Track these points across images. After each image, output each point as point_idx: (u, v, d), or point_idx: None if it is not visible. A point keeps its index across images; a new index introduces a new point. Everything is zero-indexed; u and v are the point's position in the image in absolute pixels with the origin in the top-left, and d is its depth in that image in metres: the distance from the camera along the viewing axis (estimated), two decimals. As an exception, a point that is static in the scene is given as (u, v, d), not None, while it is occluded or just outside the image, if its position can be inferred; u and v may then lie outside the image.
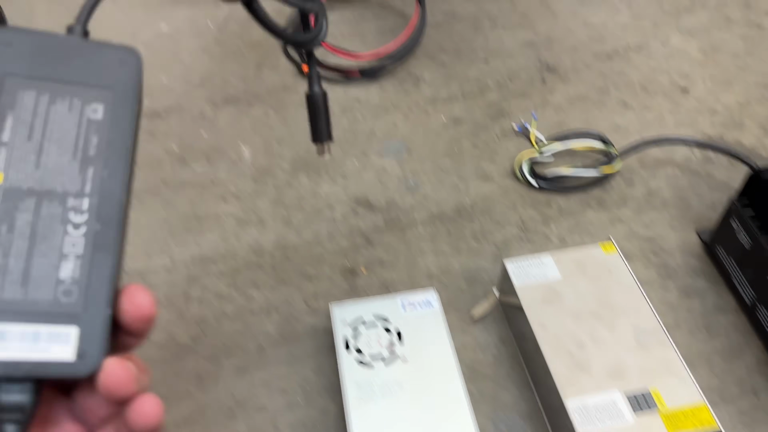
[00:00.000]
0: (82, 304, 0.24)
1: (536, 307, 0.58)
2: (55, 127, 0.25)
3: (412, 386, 0.54)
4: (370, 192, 0.76)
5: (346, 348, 0.56)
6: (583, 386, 0.53)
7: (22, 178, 0.24)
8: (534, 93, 0.87)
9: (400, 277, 0.67)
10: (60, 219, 0.24)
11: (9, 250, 0.23)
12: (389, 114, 0.85)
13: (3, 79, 0.24)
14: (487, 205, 0.74)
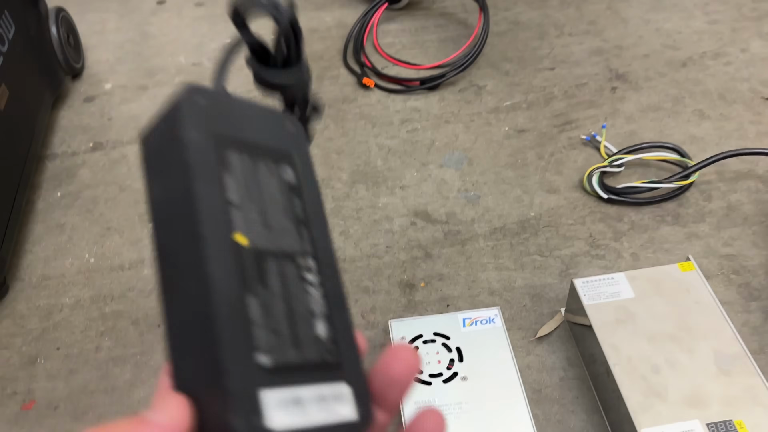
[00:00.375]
0: (342, 360, 0.24)
1: (608, 327, 0.55)
2: (265, 189, 0.25)
3: (472, 407, 0.52)
4: (429, 204, 0.75)
5: (404, 365, 0.55)
6: (659, 414, 0.50)
7: (261, 240, 0.23)
8: (603, 102, 0.84)
9: (460, 292, 0.66)
10: (300, 279, 0.24)
11: (275, 313, 0.22)
12: (450, 124, 0.84)
13: (216, 140, 0.24)
14: (553, 219, 0.72)
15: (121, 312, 0.68)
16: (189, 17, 1.07)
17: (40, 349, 0.65)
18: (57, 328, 0.67)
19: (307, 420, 0.21)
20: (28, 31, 0.82)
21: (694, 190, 0.73)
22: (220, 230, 0.22)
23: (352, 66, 0.93)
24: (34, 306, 0.69)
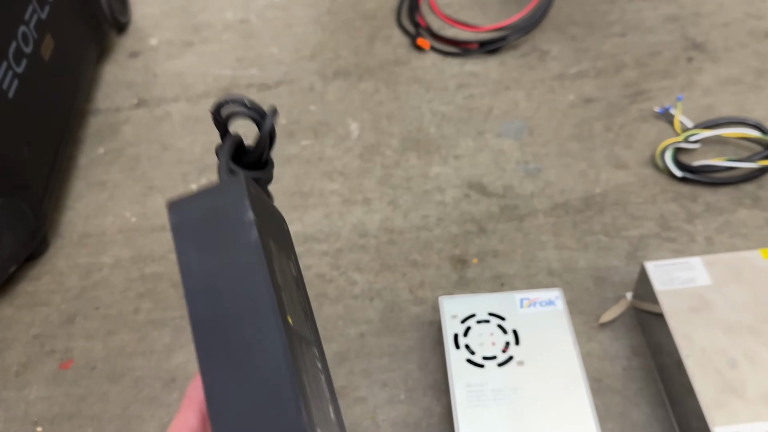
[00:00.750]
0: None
1: (680, 316, 0.52)
2: (287, 278, 0.28)
3: (529, 393, 0.50)
4: (485, 175, 0.72)
5: (455, 345, 0.54)
6: (735, 412, 0.47)
7: (295, 323, 0.27)
8: (679, 73, 0.80)
9: (516, 270, 0.64)
10: (314, 364, 0.27)
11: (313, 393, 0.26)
12: (510, 91, 0.81)
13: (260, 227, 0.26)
14: (621, 197, 0.68)
15: (161, 274, 0.68)
16: (237, -28, 1.05)
17: (79, 307, 0.66)
18: (96, 288, 0.67)
19: None
20: (74, -20, 0.82)
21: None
22: (280, 309, 0.24)
23: (406, 26, 0.91)
24: (74, 264, 0.70)
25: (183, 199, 0.27)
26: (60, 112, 0.77)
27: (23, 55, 0.68)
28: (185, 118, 0.83)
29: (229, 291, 0.25)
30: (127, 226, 0.72)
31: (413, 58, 0.87)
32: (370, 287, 0.64)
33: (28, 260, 0.69)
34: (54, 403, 0.59)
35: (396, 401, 0.56)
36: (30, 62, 0.69)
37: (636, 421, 0.53)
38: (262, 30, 0.95)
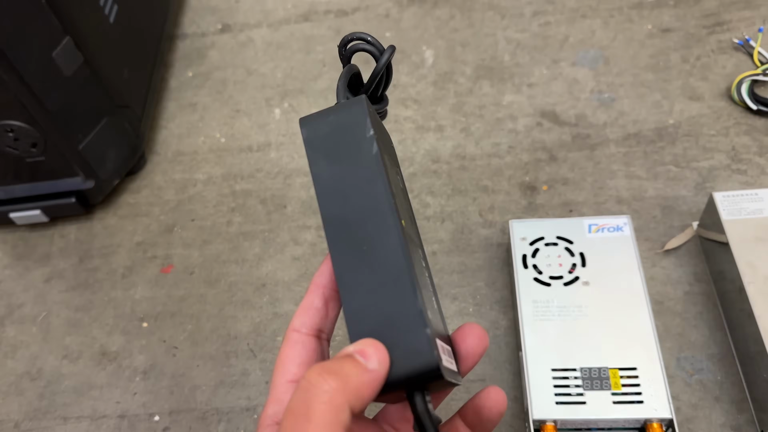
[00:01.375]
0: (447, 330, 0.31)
1: (746, 244, 0.53)
2: (396, 187, 0.30)
3: (593, 310, 0.52)
4: (558, 104, 0.72)
5: (523, 265, 0.56)
6: (795, 337, 0.48)
7: (407, 227, 0.29)
8: (762, 3, 0.76)
9: (585, 198, 0.65)
10: (420, 263, 0.30)
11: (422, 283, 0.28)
12: (586, 19, 0.79)
13: (378, 141, 0.29)
14: (693, 128, 0.67)
15: (249, 191, 0.71)
16: None
17: (176, 219, 0.70)
18: (191, 201, 0.71)
19: (447, 365, 0.27)
20: None
21: None
22: (397, 211, 0.27)
23: (482, -48, 0.88)
24: (170, 179, 0.74)
25: (312, 116, 0.30)
26: (153, 36, 0.79)
27: (120, -19, 0.70)
28: (267, 44, 0.85)
29: (354, 194, 0.28)
30: (217, 146, 0.75)
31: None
32: (442, 210, 0.66)
33: (129, 174, 0.73)
34: (157, 303, 0.64)
35: (465, 313, 0.59)
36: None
37: (694, 342, 0.55)
38: (338, -45, 0.94)
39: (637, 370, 0.48)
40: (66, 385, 0.60)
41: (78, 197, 0.68)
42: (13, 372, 0.62)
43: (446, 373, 0.26)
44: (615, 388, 0.48)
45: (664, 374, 0.48)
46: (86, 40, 0.62)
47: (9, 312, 0.66)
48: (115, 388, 0.60)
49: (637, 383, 0.48)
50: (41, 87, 0.59)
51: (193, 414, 0.57)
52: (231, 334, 0.61)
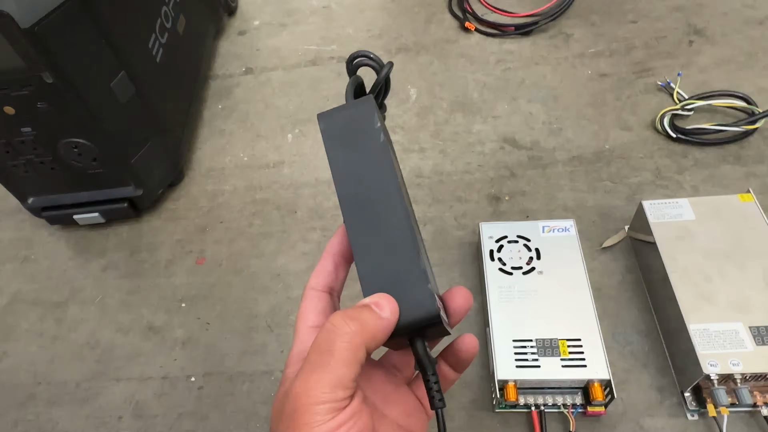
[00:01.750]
0: None
1: (668, 242, 0.54)
2: (397, 166, 0.30)
3: (546, 294, 0.53)
4: (517, 132, 0.73)
5: (491, 258, 0.56)
6: (707, 315, 0.49)
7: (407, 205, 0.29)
8: (680, 54, 0.78)
9: (539, 206, 0.65)
10: (418, 237, 0.29)
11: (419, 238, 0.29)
12: (539, 66, 0.80)
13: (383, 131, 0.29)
14: (624, 152, 0.68)
15: (267, 199, 0.71)
16: (321, -33, 1.05)
17: (208, 221, 0.70)
18: (220, 208, 0.71)
19: (443, 315, 0.26)
20: (199, -28, 0.84)
21: (757, 135, 0.67)
22: (401, 190, 0.27)
23: (456, 12, 0.90)
24: (203, 190, 0.74)
25: (328, 112, 0.29)
26: (190, 76, 0.80)
27: (165, 30, 0.70)
28: (282, 83, 0.85)
29: (365, 175, 0.27)
30: (241, 163, 0.76)
31: (461, 38, 0.86)
32: (424, 215, 0.67)
33: (170, 186, 0.73)
34: (192, 288, 0.64)
35: (443, 298, 0.60)
36: (170, 35, 0.71)
37: (626, 320, 0.56)
38: (340, 14, 0.95)
39: (581, 341, 0.49)
40: (118, 353, 0.60)
41: (129, 203, 0.68)
42: (75, 342, 0.62)
43: (444, 321, 0.26)
44: (563, 354, 0.48)
45: (603, 345, 0.49)
46: (138, 75, 0.62)
47: (72, 295, 0.66)
48: (158, 356, 0.59)
49: (581, 351, 0.48)
50: (101, 111, 0.59)
51: (223, 376, 0.57)
52: (252, 314, 0.61)
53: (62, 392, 0.58)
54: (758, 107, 0.68)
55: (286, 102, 0.83)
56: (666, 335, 0.53)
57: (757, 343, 0.47)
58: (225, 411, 0.55)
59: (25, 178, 0.65)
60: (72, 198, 0.68)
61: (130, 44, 0.62)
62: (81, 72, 0.56)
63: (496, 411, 0.51)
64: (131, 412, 0.56)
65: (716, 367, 0.46)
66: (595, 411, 0.49)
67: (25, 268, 0.69)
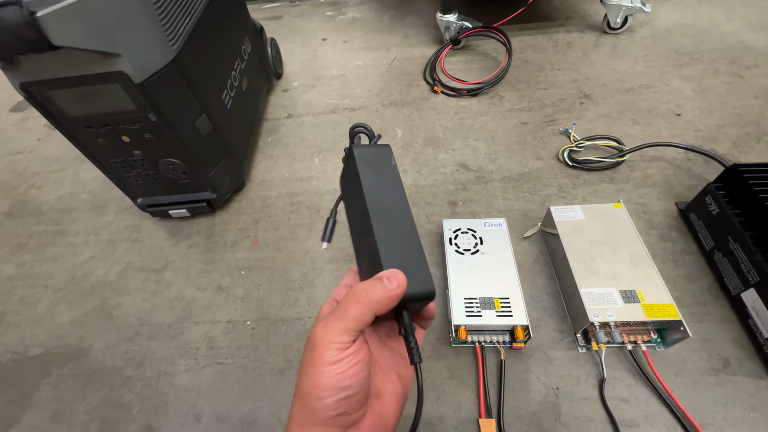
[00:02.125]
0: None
1: (567, 234, 0.54)
2: None
3: (486, 268, 0.52)
4: (468, 160, 0.72)
5: (450, 244, 0.56)
6: (592, 282, 0.49)
7: None
8: (574, 110, 0.78)
9: (482, 209, 0.65)
10: None
11: None
12: (482, 116, 0.80)
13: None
14: (538, 174, 0.68)
15: (300, 202, 0.70)
16: (339, 49, 1.04)
17: (260, 216, 0.69)
18: (268, 207, 0.70)
19: None
20: (256, 49, 0.82)
21: (624, 165, 0.67)
22: (408, 205, 0.26)
23: (428, 79, 0.89)
24: (257, 195, 0.72)
25: (360, 146, 0.28)
26: (250, 118, 0.78)
27: (234, 87, 0.69)
28: (312, 125, 0.84)
29: (386, 192, 0.26)
30: (283, 178, 0.74)
31: (431, 97, 0.85)
32: (405, 214, 0.66)
33: (235, 192, 0.72)
34: (249, 261, 0.62)
35: (417, 269, 0.59)
36: (237, 91, 0.70)
37: (538, 285, 0.55)
38: (351, 80, 0.94)
39: (509, 299, 0.49)
40: (198, 304, 0.59)
41: (207, 203, 0.66)
42: (168, 297, 0.60)
43: None
44: (497, 308, 0.48)
45: (523, 302, 0.48)
46: (214, 116, 0.61)
47: (167, 264, 0.64)
48: (225, 307, 0.58)
49: (509, 306, 0.48)
50: (189, 141, 0.58)
51: (268, 320, 0.56)
52: (289, 278, 0.60)
53: (158, 331, 0.57)
54: (625, 146, 0.68)
55: (314, 137, 0.81)
56: (565, 296, 0.53)
57: (625, 302, 0.46)
58: (269, 344, 0.54)
59: (135, 185, 0.63)
60: (168, 199, 0.66)
61: (209, 96, 0.60)
62: (175, 114, 0.54)
63: (452, 345, 0.51)
64: (205, 345, 0.55)
65: (598, 317, 0.46)
66: (517, 346, 0.49)
67: (135, 246, 0.67)
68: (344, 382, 0.22)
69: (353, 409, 0.22)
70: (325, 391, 0.22)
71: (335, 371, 0.22)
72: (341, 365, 0.22)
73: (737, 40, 0.87)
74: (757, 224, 0.48)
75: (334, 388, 0.22)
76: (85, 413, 0.51)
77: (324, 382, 0.22)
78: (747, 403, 0.44)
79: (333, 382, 0.22)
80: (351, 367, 0.22)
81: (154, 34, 0.49)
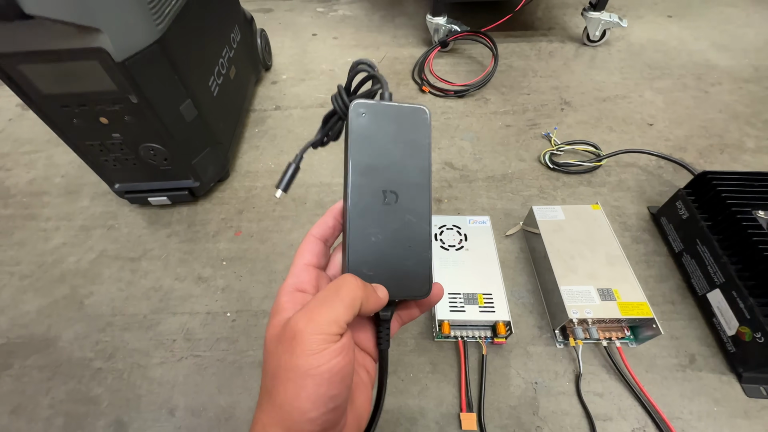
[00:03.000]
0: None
1: (548, 233, 0.54)
2: None
3: (470, 264, 0.52)
4: (453, 159, 0.71)
5: (435, 239, 0.54)
6: (572, 280, 0.48)
7: None
8: (555, 116, 0.78)
9: (466, 207, 0.64)
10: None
11: None
12: (468, 117, 0.79)
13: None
14: (521, 175, 0.68)
15: (287, 194, 0.67)
16: (329, 45, 1.01)
17: (244, 206, 0.66)
18: (253, 199, 0.67)
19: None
20: (246, 38, 0.79)
21: (601, 170, 0.68)
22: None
23: (416, 79, 0.88)
24: (242, 185, 0.69)
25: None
26: (237, 108, 0.75)
27: (221, 74, 0.66)
28: (300, 118, 0.81)
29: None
30: (269, 169, 0.71)
31: (419, 96, 0.84)
32: (391, 210, 0.64)
33: (219, 181, 0.68)
34: (231, 252, 0.59)
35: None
36: (224, 79, 0.67)
37: (519, 282, 0.55)
38: (341, 75, 0.91)
39: (492, 295, 0.48)
40: (176, 294, 0.55)
41: (189, 191, 0.63)
42: (144, 286, 0.56)
43: None
44: (480, 303, 0.47)
45: (505, 298, 0.48)
46: (199, 103, 0.57)
47: (144, 253, 0.60)
48: (205, 298, 0.55)
49: (492, 301, 0.47)
50: (172, 126, 0.54)
51: (249, 312, 0.53)
52: (272, 270, 0.57)
53: (132, 321, 0.53)
54: (602, 151, 0.69)
55: (302, 130, 0.79)
56: (545, 293, 0.53)
57: (602, 300, 0.46)
58: (250, 336, 0.51)
59: (113, 169, 0.59)
60: (147, 186, 0.62)
61: (195, 81, 0.57)
62: (158, 97, 0.50)
63: (435, 340, 0.50)
64: (183, 336, 0.51)
65: (577, 314, 0.46)
66: (498, 341, 0.48)
67: (110, 233, 0.63)
68: (332, 391, 0.18)
69: (337, 421, 0.19)
70: (309, 402, 0.18)
71: (322, 371, 0.18)
72: (329, 362, 0.18)
73: (703, 59, 0.91)
74: (723, 229, 0.49)
75: (321, 397, 0.18)
76: (49, 407, 0.46)
77: (309, 392, 0.18)
78: (711, 397, 0.45)
79: (321, 392, 0.18)
80: (341, 368, 0.18)
81: (139, 12, 0.45)
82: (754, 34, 0.98)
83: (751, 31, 0.98)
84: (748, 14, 1.05)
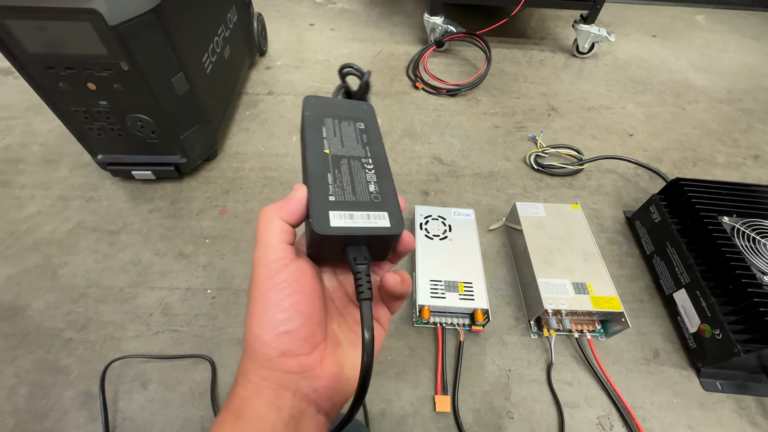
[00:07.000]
0: (384, 202, 0.23)
1: (529, 228, 0.55)
2: (345, 131, 0.25)
3: (453, 254, 0.53)
4: (442, 154, 0.73)
5: (420, 229, 0.55)
6: (549, 273, 0.50)
7: (338, 151, 0.24)
8: (543, 120, 0.81)
9: (452, 201, 0.65)
10: (361, 167, 0.24)
11: (342, 181, 0.23)
12: (459, 116, 0.81)
13: (319, 115, 0.25)
14: (506, 174, 0.70)
15: (274, 177, 0.67)
16: (326, 36, 1.01)
17: (231, 187, 0.65)
18: (240, 180, 0.66)
19: (356, 224, 0.22)
20: (242, 20, 0.78)
21: (582, 173, 0.71)
22: (318, 147, 0.24)
23: (410, 76, 0.89)
24: (229, 166, 0.68)
25: (320, 97, 0.26)
26: (229, 89, 0.74)
27: (215, 53, 0.65)
28: (292, 104, 0.81)
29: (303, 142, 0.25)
30: (258, 152, 0.71)
31: (412, 92, 0.85)
32: (379, 199, 0.65)
33: (207, 160, 0.68)
34: (215, 230, 0.59)
35: (386, 252, 0.58)
36: (218, 57, 0.66)
37: (499, 274, 0.56)
38: (336, 66, 0.91)
39: (472, 284, 0.49)
40: (155, 270, 0.54)
41: (175, 167, 0.62)
42: (123, 260, 0.55)
43: None
44: (461, 291, 0.48)
45: (485, 288, 0.49)
46: (192, 77, 0.56)
47: (124, 227, 0.59)
48: (185, 274, 0.54)
49: (472, 290, 0.49)
50: (162, 98, 0.53)
51: (230, 290, 0.53)
52: (257, 251, 0.57)
53: (108, 294, 0.52)
54: (584, 156, 0.71)
55: (294, 116, 0.78)
56: (522, 286, 0.55)
57: (576, 293, 0.48)
58: (230, 314, 0.51)
59: (97, 139, 0.58)
60: (132, 159, 0.61)
61: (189, 55, 0.56)
62: (150, 66, 0.50)
63: (415, 325, 0.50)
64: (160, 311, 0.50)
65: (552, 305, 0.47)
66: (476, 329, 0.49)
67: (89, 205, 0.61)
68: (279, 315, 0.20)
69: (300, 349, 0.20)
70: (258, 326, 0.20)
71: (265, 289, 0.20)
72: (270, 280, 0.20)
73: (682, 78, 0.95)
74: (691, 232, 0.52)
75: (270, 321, 0.20)
76: (14, 375, 0.45)
77: (258, 316, 0.20)
78: (671, 389, 0.47)
79: (269, 316, 0.20)
80: (290, 285, 0.20)
81: (136, -23, 0.44)
82: (729, 58, 1.03)
83: (728, 56, 1.04)
84: (726, 40, 1.11)
